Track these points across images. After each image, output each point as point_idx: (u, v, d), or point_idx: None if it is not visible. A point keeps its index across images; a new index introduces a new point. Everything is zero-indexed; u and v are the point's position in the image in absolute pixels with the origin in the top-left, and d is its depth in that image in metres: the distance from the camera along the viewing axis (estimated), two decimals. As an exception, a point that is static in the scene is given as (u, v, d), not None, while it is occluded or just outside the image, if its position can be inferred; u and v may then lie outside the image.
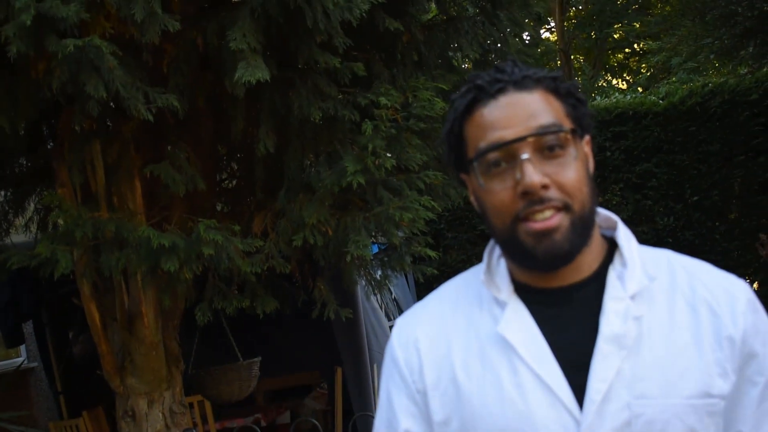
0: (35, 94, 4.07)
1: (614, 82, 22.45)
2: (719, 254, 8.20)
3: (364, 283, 5.69)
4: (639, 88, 16.62)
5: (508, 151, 1.47)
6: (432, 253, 4.95)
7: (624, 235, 1.59)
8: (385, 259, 5.33)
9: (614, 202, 8.50)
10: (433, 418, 1.56)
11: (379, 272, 5.53)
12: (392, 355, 1.65)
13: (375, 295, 6.02)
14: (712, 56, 10.11)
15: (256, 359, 7.54)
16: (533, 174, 1.43)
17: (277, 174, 4.81)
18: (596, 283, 1.53)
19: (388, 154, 4.27)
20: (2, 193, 5.69)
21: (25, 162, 5.56)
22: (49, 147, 5.22)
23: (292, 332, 9.08)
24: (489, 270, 1.62)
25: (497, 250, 1.63)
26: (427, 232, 5.20)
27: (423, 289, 8.60)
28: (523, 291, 1.56)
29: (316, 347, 9.01)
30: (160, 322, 4.92)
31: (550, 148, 1.46)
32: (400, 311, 7.81)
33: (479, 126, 1.51)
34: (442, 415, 1.54)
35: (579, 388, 1.45)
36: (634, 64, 21.73)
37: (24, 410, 8.32)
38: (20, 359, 9.18)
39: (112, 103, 4.28)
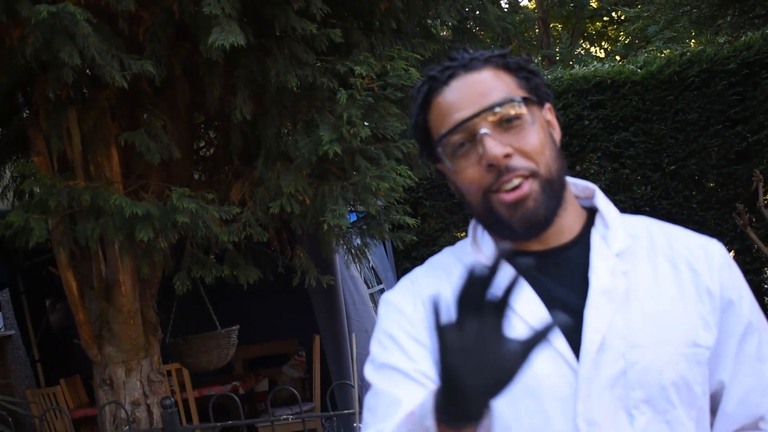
0: (9, 62, 4.03)
1: (592, 50, 22.47)
2: (696, 223, 8.23)
3: (342, 251, 5.69)
4: (617, 57, 16.63)
5: (467, 130, 1.52)
6: (410, 221, 4.95)
7: (603, 201, 1.64)
8: (364, 227, 5.33)
9: (592, 171, 8.51)
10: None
11: (358, 240, 5.53)
12: (398, 309, 1.65)
13: (354, 263, 6.02)
14: (689, 25, 10.11)
15: (234, 327, 7.54)
16: (494, 147, 1.48)
17: (255, 142, 4.79)
18: (580, 245, 1.59)
19: (365, 123, 4.27)
20: (-23, 161, 5.65)
21: (0, 131, 5.52)
22: (24, 116, 5.19)
23: (269, 301, 9.08)
24: (475, 242, 1.67)
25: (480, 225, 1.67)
26: (405, 201, 5.21)
27: (401, 257, 8.62)
28: (509, 257, 1.50)
29: (294, 315, 9.02)
30: (137, 290, 4.92)
31: (508, 120, 1.51)
32: (378, 280, 7.82)
33: (438, 113, 1.57)
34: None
35: (575, 341, 1.49)
36: (613, 32, 21.74)
37: (0, 378, 8.31)
38: (-3, 327, 9.18)
39: (87, 71, 4.25)
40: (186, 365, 7.13)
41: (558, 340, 1.49)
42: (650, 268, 1.56)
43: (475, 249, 1.65)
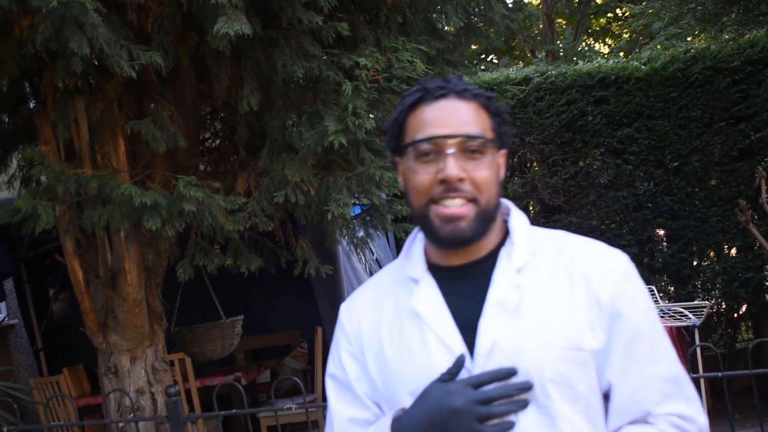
0: (18, 51, 4.06)
1: (596, 46, 22.44)
2: (698, 220, 8.24)
3: (345, 243, 5.73)
4: (621, 53, 16.63)
5: (438, 145, 1.77)
6: (413, 213, 4.97)
7: (516, 220, 1.90)
8: (367, 218, 5.36)
9: (595, 167, 8.51)
10: (367, 371, 1.89)
11: (361, 232, 5.57)
12: (341, 324, 1.99)
13: (357, 254, 6.06)
14: (694, 22, 10.10)
15: (238, 317, 7.59)
16: (453, 167, 1.74)
17: (260, 134, 4.83)
18: (491, 260, 1.85)
19: (370, 115, 4.31)
20: (-16, 149, 5.68)
21: (6, 120, 5.55)
22: (30, 105, 5.22)
23: (273, 292, 9.11)
24: (407, 254, 1.95)
25: (417, 238, 1.95)
26: (408, 193, 5.23)
27: (404, 249, 8.64)
28: (434, 269, 1.89)
29: (297, 307, 9.05)
30: (142, 279, 4.96)
31: (472, 151, 1.77)
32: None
33: (419, 120, 1.82)
34: (374, 376, 1.88)
35: (472, 346, 1.76)
36: (617, 28, 21.71)
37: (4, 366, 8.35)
38: (0, 316, 9.19)
39: (95, 61, 4.28)
40: (190, 354, 7.16)
41: (457, 346, 1.76)
42: (547, 281, 1.80)
43: (407, 262, 1.93)
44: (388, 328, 1.87)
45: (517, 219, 1.90)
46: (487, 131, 1.81)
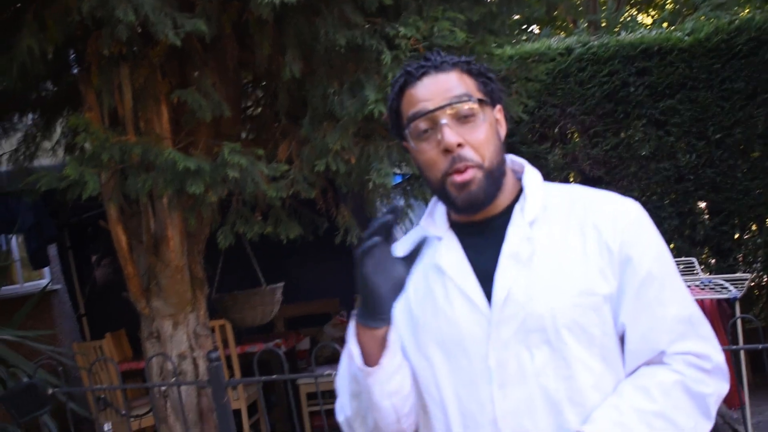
0: (64, 18, 4.10)
1: (639, 17, 22.22)
2: (740, 192, 8.17)
3: (386, 211, 5.74)
4: (664, 24, 16.45)
5: (431, 119, 1.89)
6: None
7: (529, 177, 2.01)
8: (408, 188, 5.38)
9: (636, 138, 8.44)
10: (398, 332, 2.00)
11: (402, 201, 5.59)
12: None
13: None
14: (739, -8, 9.98)
15: (279, 285, 7.64)
16: (450, 135, 1.85)
17: (301, 102, 4.84)
18: (506, 216, 1.96)
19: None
20: (29, 116, 5.75)
21: (51, 86, 5.61)
22: (73, 72, 5.26)
23: (313, 260, 9.15)
24: (431, 215, 2.08)
25: (440, 202, 2.05)
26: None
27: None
28: (456, 226, 2.02)
29: (337, 276, 9.08)
30: (185, 245, 5.01)
31: (465, 116, 1.88)
32: (422, 242, 7.86)
33: (409, 102, 1.93)
34: (402, 328, 2.00)
35: (490, 295, 1.87)
36: (660, -1, 21.49)
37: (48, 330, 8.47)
38: (45, 281, 9.32)
39: (139, 28, 4.31)
40: (231, 321, 7.23)
41: (476, 295, 1.89)
42: (559, 232, 1.90)
43: (429, 222, 2.06)
44: (414, 284, 1.96)
45: (530, 175, 2.01)
46: (474, 92, 1.91)
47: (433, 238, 2.02)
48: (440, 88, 1.89)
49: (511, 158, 2.05)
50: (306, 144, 4.57)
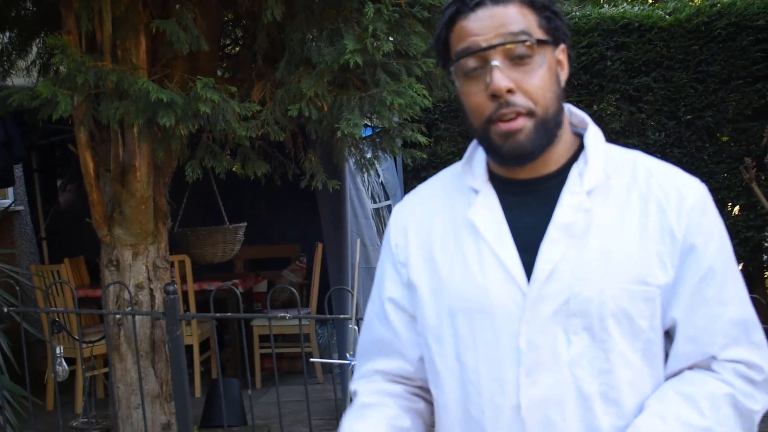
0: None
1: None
2: (705, 175, 8.25)
3: (352, 163, 5.79)
4: (648, 0, 16.47)
5: (481, 57, 1.63)
6: (423, 140, 5.05)
7: (592, 136, 1.76)
8: (377, 140, 5.43)
9: (608, 112, 8.51)
10: (408, 281, 1.83)
11: (370, 153, 5.64)
12: (387, 235, 1.92)
13: (362, 174, 6.14)
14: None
15: (242, 224, 7.70)
16: (501, 79, 1.60)
17: (279, 45, 4.86)
18: (560, 177, 1.72)
19: (390, 38, 4.33)
20: (6, 34, 5.71)
21: (31, 6, 5.57)
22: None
23: (277, 205, 9.22)
24: (469, 162, 1.83)
25: (480, 146, 1.80)
26: (420, 120, 5.30)
27: (411, 176, 8.70)
28: (496, 180, 1.77)
29: (300, 222, 9.15)
30: (152, 177, 5.03)
31: (520, 57, 1.62)
32: (386, 195, 7.93)
33: (459, 35, 1.66)
34: (415, 279, 1.80)
35: (530, 267, 1.66)
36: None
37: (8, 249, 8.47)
38: (8, 201, 9.30)
39: (123, -45, 4.31)
40: (191, 256, 7.29)
41: (514, 265, 1.67)
42: (619, 205, 1.68)
43: (467, 170, 1.82)
44: (441, 237, 1.78)
45: (594, 134, 1.77)
46: (534, 30, 1.64)
47: (468, 188, 1.80)
48: (495, 23, 1.61)
49: (569, 109, 1.79)
50: (280, 87, 4.59)
